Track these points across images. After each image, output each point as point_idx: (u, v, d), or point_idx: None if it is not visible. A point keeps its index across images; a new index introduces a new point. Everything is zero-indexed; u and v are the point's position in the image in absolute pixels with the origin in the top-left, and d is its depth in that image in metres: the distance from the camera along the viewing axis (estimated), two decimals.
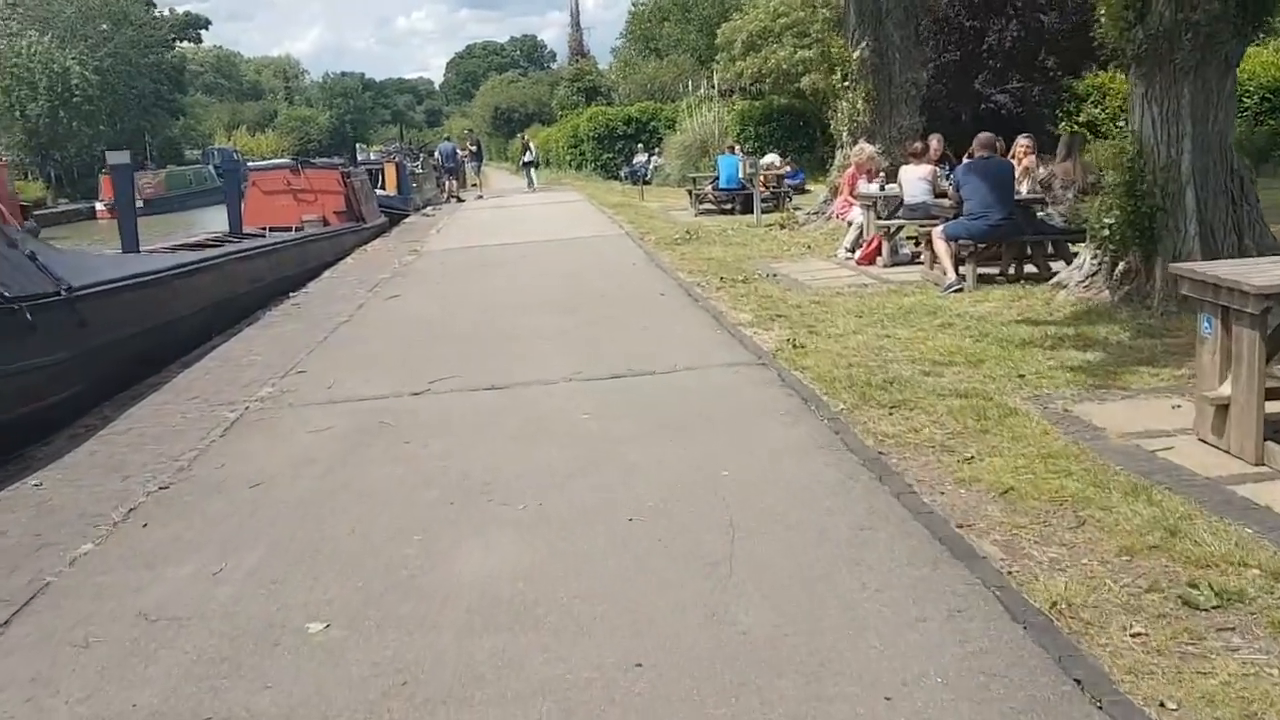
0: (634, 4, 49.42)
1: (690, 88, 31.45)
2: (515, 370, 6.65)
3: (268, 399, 6.32)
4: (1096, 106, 25.02)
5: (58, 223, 36.31)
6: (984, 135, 8.91)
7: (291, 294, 11.06)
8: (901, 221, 10.73)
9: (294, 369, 7.16)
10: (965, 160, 9.11)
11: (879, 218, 10.94)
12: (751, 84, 30.70)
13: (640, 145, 32.87)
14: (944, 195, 10.56)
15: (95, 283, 6.80)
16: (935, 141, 11.47)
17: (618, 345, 7.21)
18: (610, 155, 35.08)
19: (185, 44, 59.08)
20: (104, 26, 44.62)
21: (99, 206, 38.89)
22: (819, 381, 5.80)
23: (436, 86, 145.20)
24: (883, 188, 11.04)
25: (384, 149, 26.62)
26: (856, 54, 13.20)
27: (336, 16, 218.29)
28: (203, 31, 58.76)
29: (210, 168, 41.84)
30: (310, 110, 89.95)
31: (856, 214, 11.48)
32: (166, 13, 53.31)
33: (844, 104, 13.57)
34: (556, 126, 46.58)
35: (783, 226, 14.46)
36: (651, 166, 30.65)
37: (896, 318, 7.68)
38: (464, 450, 4.92)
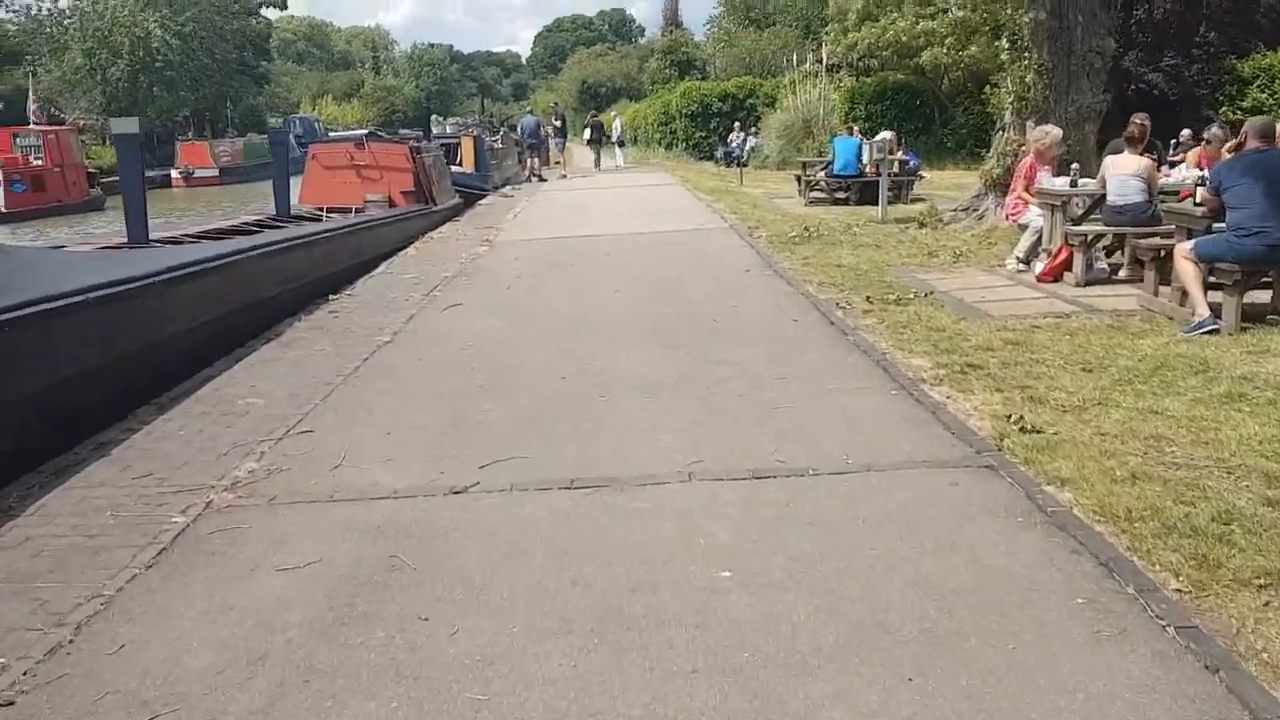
0: None
1: (794, 62, 28.86)
2: (603, 449, 4.53)
3: (244, 485, 4.31)
4: (1264, 91, 21.79)
5: None
6: (1261, 121, 6.42)
7: (335, 295, 9.13)
8: (1104, 229, 8.29)
9: (298, 425, 5.16)
10: (1229, 154, 6.66)
11: (1069, 221, 8.51)
12: (861, 59, 28.02)
13: (737, 124, 30.44)
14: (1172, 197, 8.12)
15: (29, 302, 4.88)
16: (1141, 122, 8.95)
17: (748, 410, 5.02)
18: (704, 134, 32.77)
19: (271, 10, 58.34)
20: None
21: (174, 174, 38.17)
22: (1103, 517, 3.54)
23: (524, 60, 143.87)
24: (1074, 182, 8.59)
25: (462, 122, 24.80)
26: (1029, 16, 10.66)
27: None
28: None
29: (290, 137, 40.73)
30: (396, 81, 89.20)
31: (1034, 215, 9.05)
32: None
33: (1009, 77, 11.07)
34: (646, 102, 44.33)
35: (922, 224, 12.05)
36: (749, 147, 28.23)
37: (1146, 377, 5.33)
38: (512, 654, 2.81)
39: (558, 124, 27.68)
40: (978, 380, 5.36)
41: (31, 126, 29.09)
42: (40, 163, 25.14)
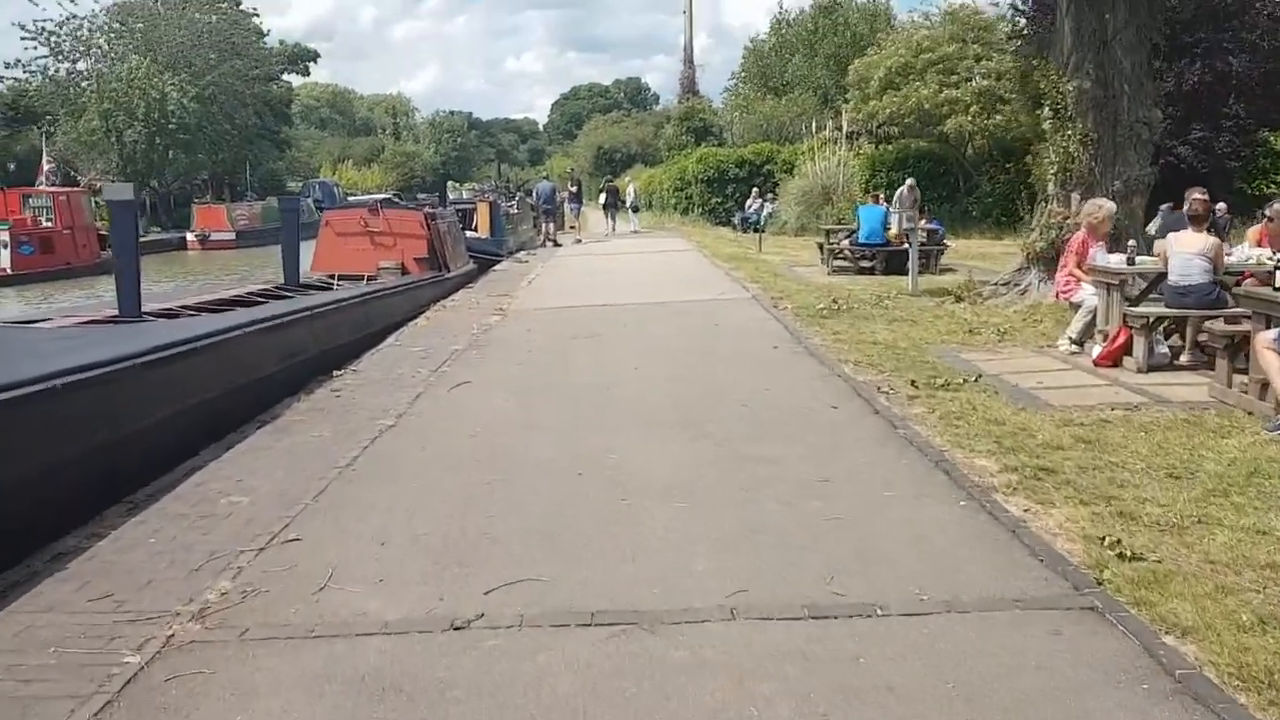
0: (751, 40, 47.05)
1: (812, 129, 28.68)
2: (629, 572, 3.90)
3: (214, 613, 3.69)
4: None
5: (147, 252, 35.35)
6: None
7: (340, 370, 8.57)
8: (1166, 311, 7.69)
9: (284, 531, 4.55)
10: None
11: (1127, 301, 7.92)
12: (880, 126, 27.83)
13: (755, 189, 30.19)
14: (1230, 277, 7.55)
15: None
16: (1198, 195, 8.41)
17: (793, 523, 4.39)
18: (720, 199, 32.50)
19: (294, 76, 59.06)
20: (211, 56, 44.09)
21: (189, 237, 38.14)
22: (1243, 682, 2.89)
23: (541, 126, 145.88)
24: (1132, 260, 8.02)
25: (477, 187, 24.61)
26: (1074, 85, 10.21)
27: (449, 58, 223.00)
28: (312, 65, 58.74)
29: (310, 200, 40.81)
30: (416, 146, 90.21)
31: (1088, 294, 8.46)
32: (277, 44, 53.26)
33: (1053, 147, 10.58)
34: (662, 168, 44.36)
35: (959, 298, 11.47)
36: (766, 213, 27.90)
37: (1241, 486, 4.69)
38: None
39: (573, 189, 27.46)
40: (1056, 489, 4.71)
41: (41, 187, 29.06)
42: (50, 224, 24.97)
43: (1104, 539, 3.98)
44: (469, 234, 22.26)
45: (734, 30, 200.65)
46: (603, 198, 30.61)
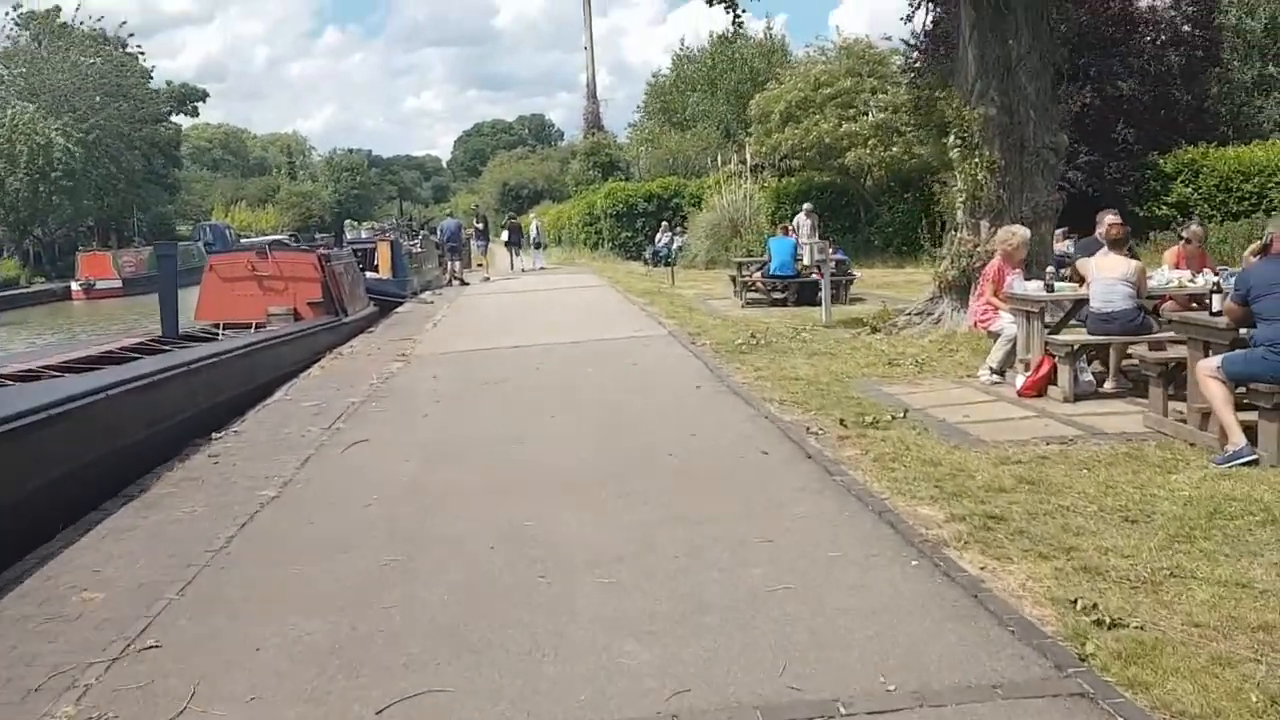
0: (654, 75, 47.24)
1: (718, 162, 28.70)
2: (551, 675, 3.33)
3: None
4: (1188, 186, 22.13)
5: (30, 303, 33.48)
6: None
7: (221, 431, 7.78)
8: (1090, 338, 7.52)
9: (142, 636, 3.86)
10: (1254, 256, 5.96)
11: (1047, 329, 7.75)
12: (783, 159, 28.01)
13: (663, 223, 30.01)
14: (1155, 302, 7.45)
15: None
16: (1112, 219, 8.34)
17: (736, 597, 3.90)
18: (630, 234, 32.22)
19: (182, 118, 56.98)
20: (95, 98, 42.06)
21: (74, 287, 36.11)
22: None
23: (444, 163, 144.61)
24: (1051, 287, 7.86)
25: (377, 226, 23.70)
26: (979, 112, 10.16)
27: (346, 97, 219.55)
28: (201, 105, 56.74)
29: (200, 244, 39.09)
30: (313, 185, 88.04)
31: (1006, 322, 8.28)
32: (164, 85, 51.17)
33: (961, 175, 10.50)
34: (570, 203, 44.01)
35: (874, 329, 11.27)
36: (675, 247, 27.71)
37: (1205, 529, 4.41)
38: None
39: (479, 226, 26.81)
40: (1009, 540, 4.34)
41: None
42: None
43: (1075, 602, 3.60)
44: (370, 275, 21.39)
45: (635, 67, 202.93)
46: (505, 235, 30.02)
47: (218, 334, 12.74)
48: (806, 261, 13.70)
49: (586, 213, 36.21)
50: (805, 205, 21.97)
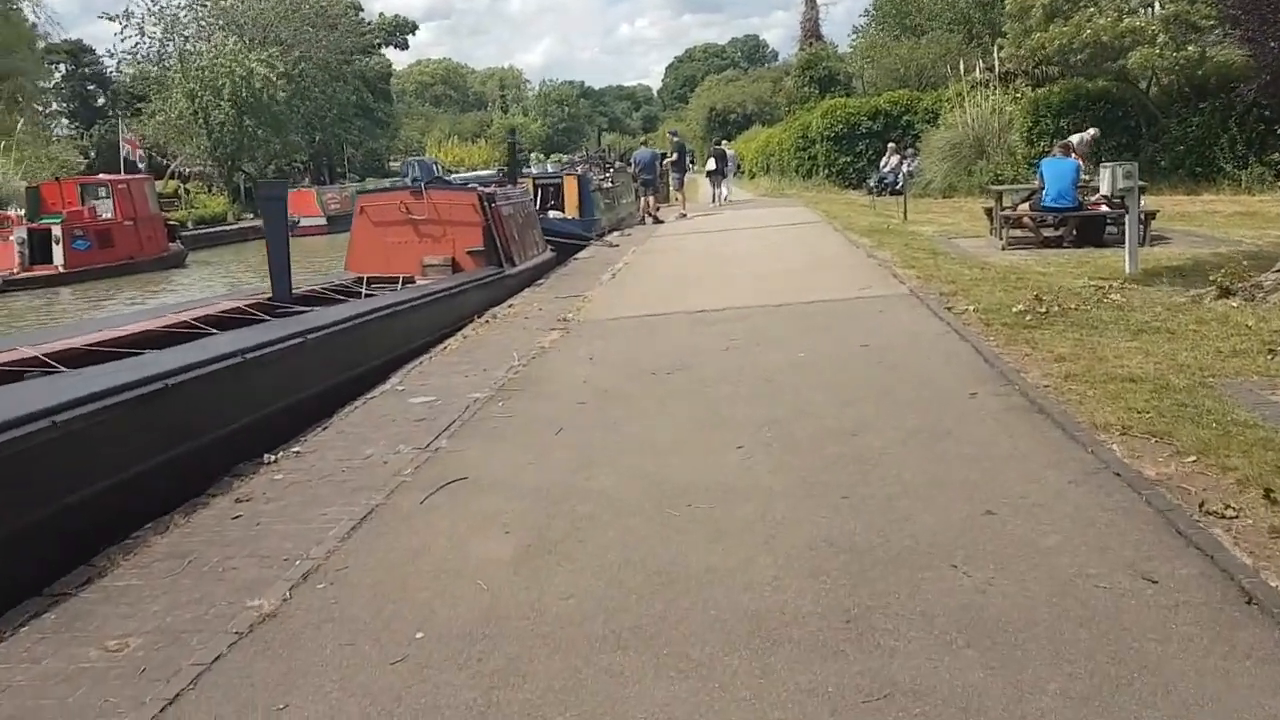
0: None
1: (959, 70, 24.42)
2: None
3: None
4: None
5: (235, 240, 33.87)
6: None
7: (276, 451, 5.55)
8: None
9: None
10: None
11: None
12: (1039, 64, 23.35)
13: (891, 145, 26.13)
14: None
15: None
16: None
17: None
18: (850, 159, 28.49)
19: (397, 52, 57.23)
20: (303, 29, 42.15)
21: None
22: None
23: (655, 92, 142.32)
24: None
25: (566, 160, 21.37)
26: None
27: (564, 29, 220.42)
28: (411, 37, 56.59)
29: (407, 180, 38.70)
30: (524, 118, 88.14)
31: None
32: (376, 16, 51.25)
33: None
34: (781, 126, 40.30)
35: (1226, 292, 7.67)
36: (905, 173, 23.88)
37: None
38: None
39: (675, 156, 23.99)
40: None
41: (101, 176, 27.43)
42: (109, 216, 23.16)
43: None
44: (554, 214, 19.28)
45: None
46: (711, 164, 27.05)
47: (360, 291, 10.81)
48: (1107, 189, 10.05)
49: (800, 136, 32.58)
50: (1092, 131, 17.78)
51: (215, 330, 7.26)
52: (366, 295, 10.42)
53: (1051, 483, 4.06)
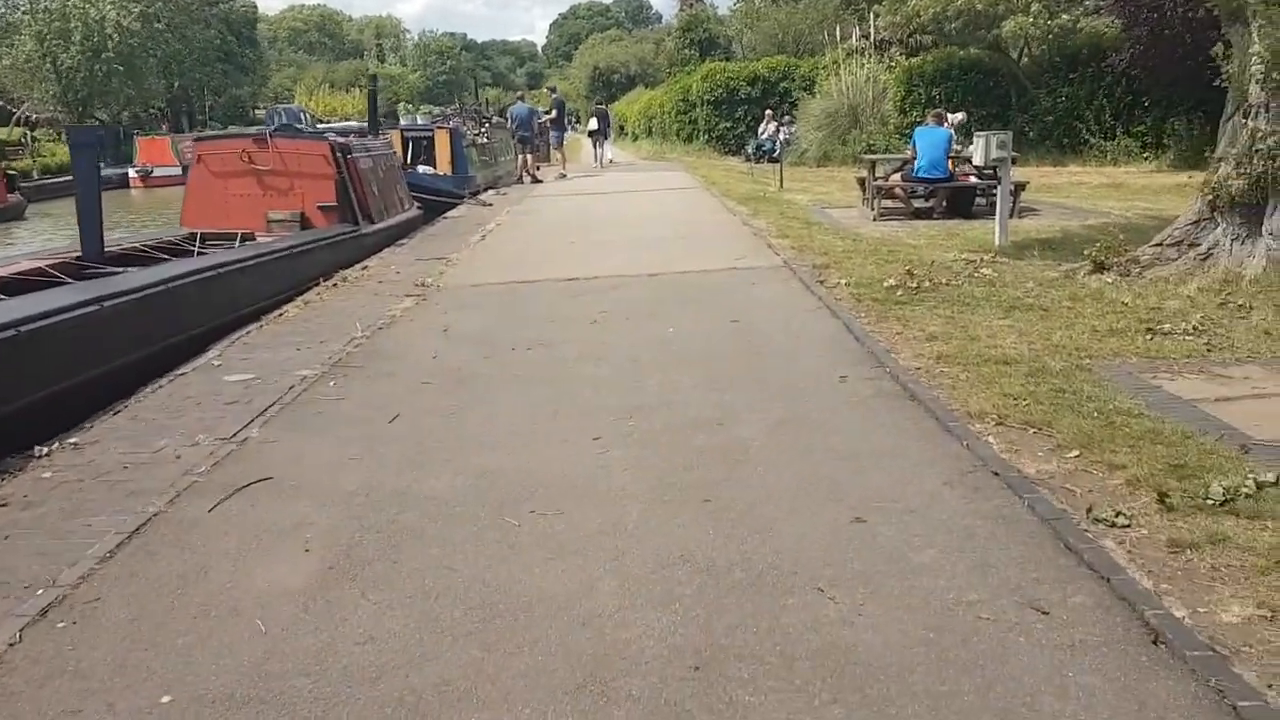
0: None
1: (836, 37, 24.33)
2: None
3: None
4: None
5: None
6: None
7: (47, 446, 4.73)
8: None
9: None
10: None
11: None
12: (913, 34, 23.43)
13: (768, 112, 25.92)
14: None
15: None
16: None
17: None
18: (729, 124, 28.21)
19: None
20: None
21: (131, 174, 33.96)
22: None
23: (539, 49, 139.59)
24: None
25: (438, 112, 20.13)
26: None
27: None
28: None
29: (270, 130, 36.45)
30: (401, 69, 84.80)
31: None
32: None
33: (1259, 31, 6.62)
34: (663, 88, 39.73)
35: (1100, 266, 7.56)
36: (782, 140, 23.70)
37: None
38: None
39: (554, 114, 23.14)
40: None
41: None
42: None
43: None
44: (424, 170, 18.30)
45: None
46: (592, 124, 26.31)
47: (192, 249, 9.80)
48: (979, 160, 9.94)
49: (681, 99, 32.13)
50: (958, 115, 17.84)
51: (2, 296, 6.28)
52: (200, 253, 9.45)
53: (925, 483, 3.69)
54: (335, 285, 8.99)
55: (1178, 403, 4.62)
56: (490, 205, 16.28)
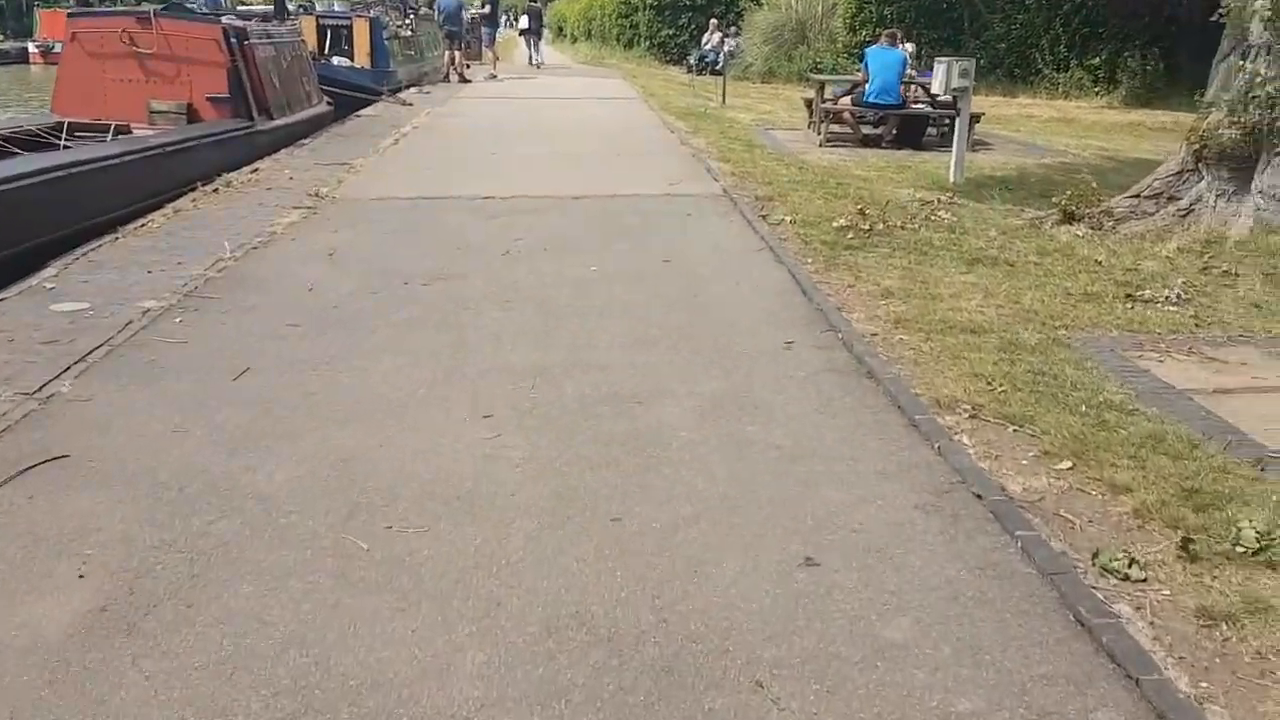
0: None
1: None
2: None
3: None
4: None
5: None
6: None
7: None
8: None
9: None
10: None
11: None
12: None
13: (713, 21, 24.61)
14: None
15: None
16: None
17: None
18: (672, 32, 26.83)
19: None
20: None
21: (31, 49, 31.26)
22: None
23: None
24: None
25: (358, 1, 18.53)
26: None
27: None
28: None
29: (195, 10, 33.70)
30: None
31: None
32: None
33: None
34: None
35: (1070, 217, 6.87)
36: (726, 51, 22.51)
37: None
38: None
39: (486, 9, 21.51)
40: None
41: None
42: None
43: None
44: (339, 62, 16.76)
45: None
46: (523, 21, 24.70)
47: (57, 141, 8.51)
48: (938, 89, 9.14)
49: (622, 1, 30.45)
50: (909, 46, 16.85)
51: None
52: (65, 147, 8.20)
53: (892, 505, 2.96)
54: (216, 191, 7.85)
55: (1172, 393, 3.98)
56: (410, 105, 14.96)
